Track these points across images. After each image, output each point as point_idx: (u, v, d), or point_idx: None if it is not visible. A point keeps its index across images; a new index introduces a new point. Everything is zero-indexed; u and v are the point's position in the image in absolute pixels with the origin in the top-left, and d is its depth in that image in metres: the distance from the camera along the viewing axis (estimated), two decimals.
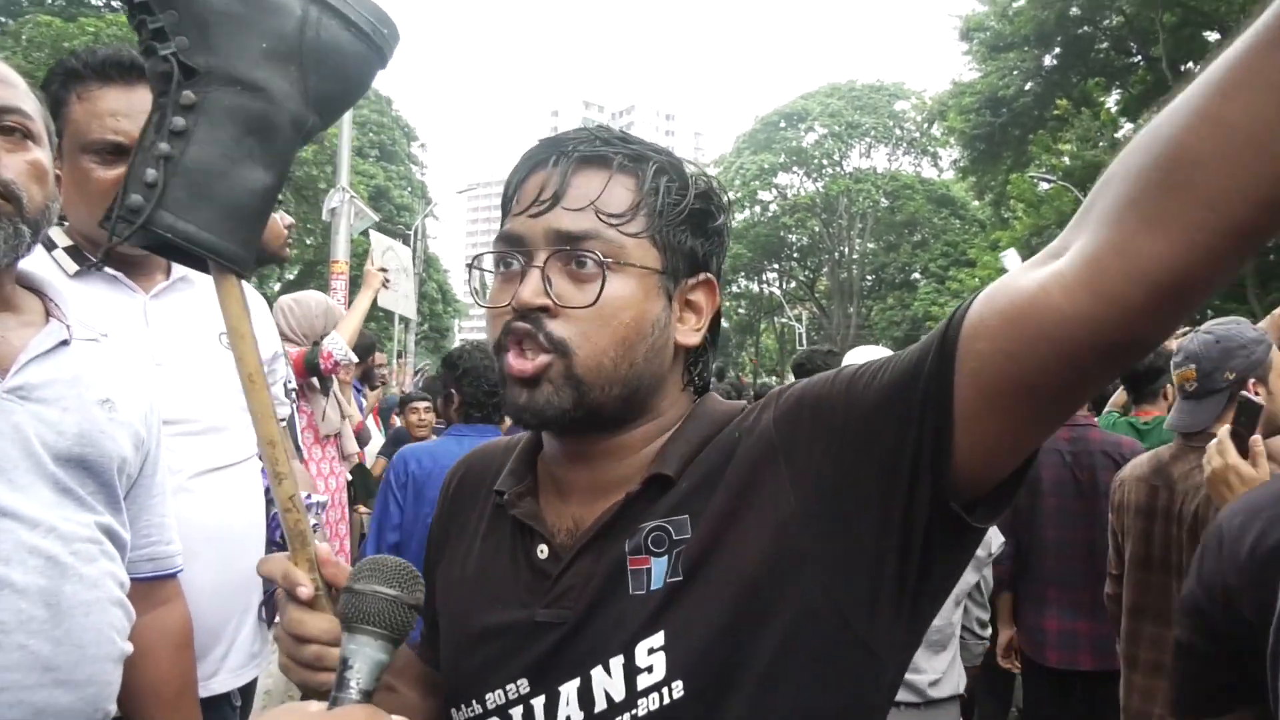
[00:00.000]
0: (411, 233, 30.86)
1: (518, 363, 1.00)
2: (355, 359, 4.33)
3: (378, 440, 7.05)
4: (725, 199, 1.11)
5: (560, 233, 0.99)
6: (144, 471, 1.60)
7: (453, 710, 1.10)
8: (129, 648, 1.49)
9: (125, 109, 1.85)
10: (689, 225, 1.04)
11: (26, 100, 1.41)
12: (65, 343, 1.46)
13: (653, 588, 0.97)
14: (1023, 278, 0.80)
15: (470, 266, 1.11)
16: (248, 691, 2.33)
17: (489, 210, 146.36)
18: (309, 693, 1.03)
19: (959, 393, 0.84)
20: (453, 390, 3.69)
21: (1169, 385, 4.27)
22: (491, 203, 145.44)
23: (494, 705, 1.04)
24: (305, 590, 1.00)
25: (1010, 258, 6.32)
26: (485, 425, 3.66)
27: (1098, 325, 0.74)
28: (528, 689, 1.02)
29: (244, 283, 1.01)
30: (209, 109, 0.91)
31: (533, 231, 1.01)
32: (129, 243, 0.93)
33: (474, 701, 1.06)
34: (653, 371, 1.04)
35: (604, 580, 1.00)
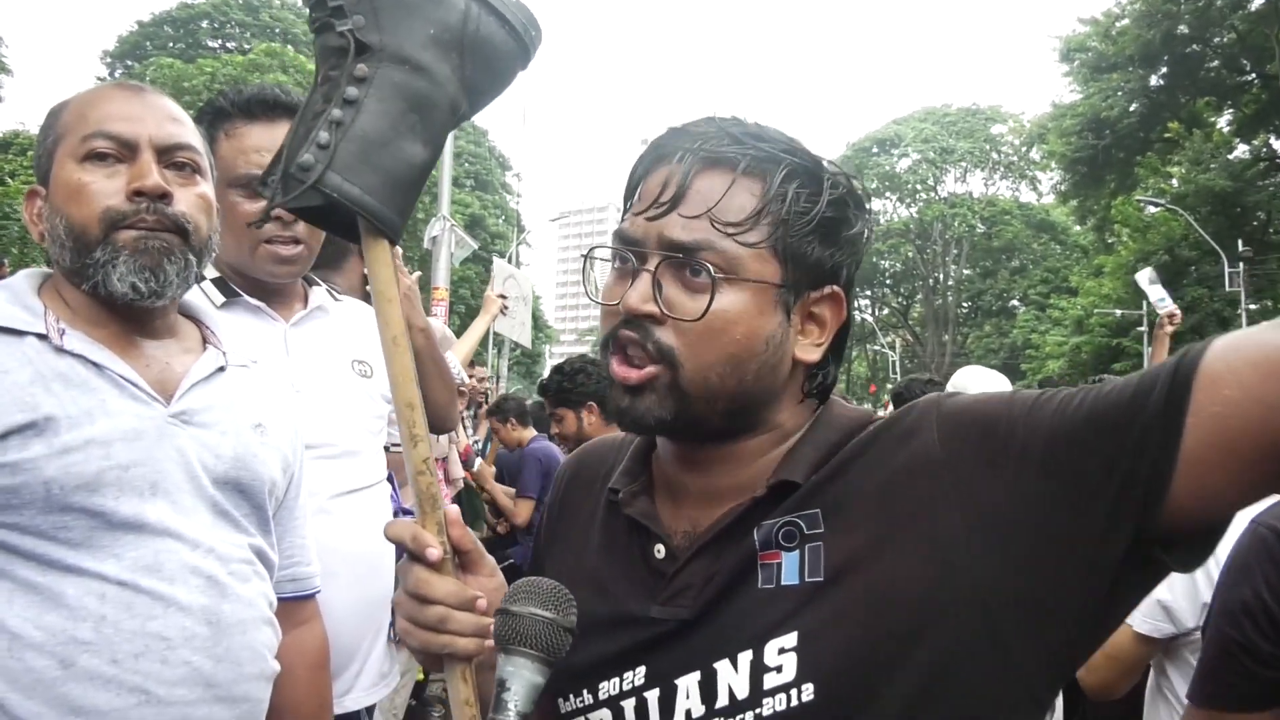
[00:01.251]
0: (507, 259, 31.45)
1: (622, 370, 0.99)
2: (468, 380, 4.40)
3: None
4: (866, 203, 1.05)
5: (673, 242, 0.96)
6: (289, 494, 1.64)
7: (560, 700, 1.08)
8: (277, 666, 1.53)
9: (270, 144, 1.93)
10: (818, 234, 0.98)
11: (194, 137, 1.49)
12: (222, 369, 1.52)
13: (784, 582, 0.94)
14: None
15: (586, 258, 1.10)
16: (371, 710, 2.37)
17: (579, 238, 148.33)
18: (426, 660, 1.02)
19: (1190, 435, 0.80)
20: (579, 408, 3.63)
21: None
22: (582, 230, 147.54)
23: (606, 696, 1.02)
24: (435, 552, 0.99)
25: (1144, 277, 6.18)
26: None
27: None
28: (643, 680, 1.00)
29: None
30: (379, 83, 0.97)
31: (647, 235, 0.98)
32: (294, 203, 0.98)
33: (585, 691, 1.04)
34: (765, 387, 1.00)
35: (729, 576, 0.97)
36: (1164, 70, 30.58)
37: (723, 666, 0.95)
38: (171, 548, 1.37)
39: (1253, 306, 27.55)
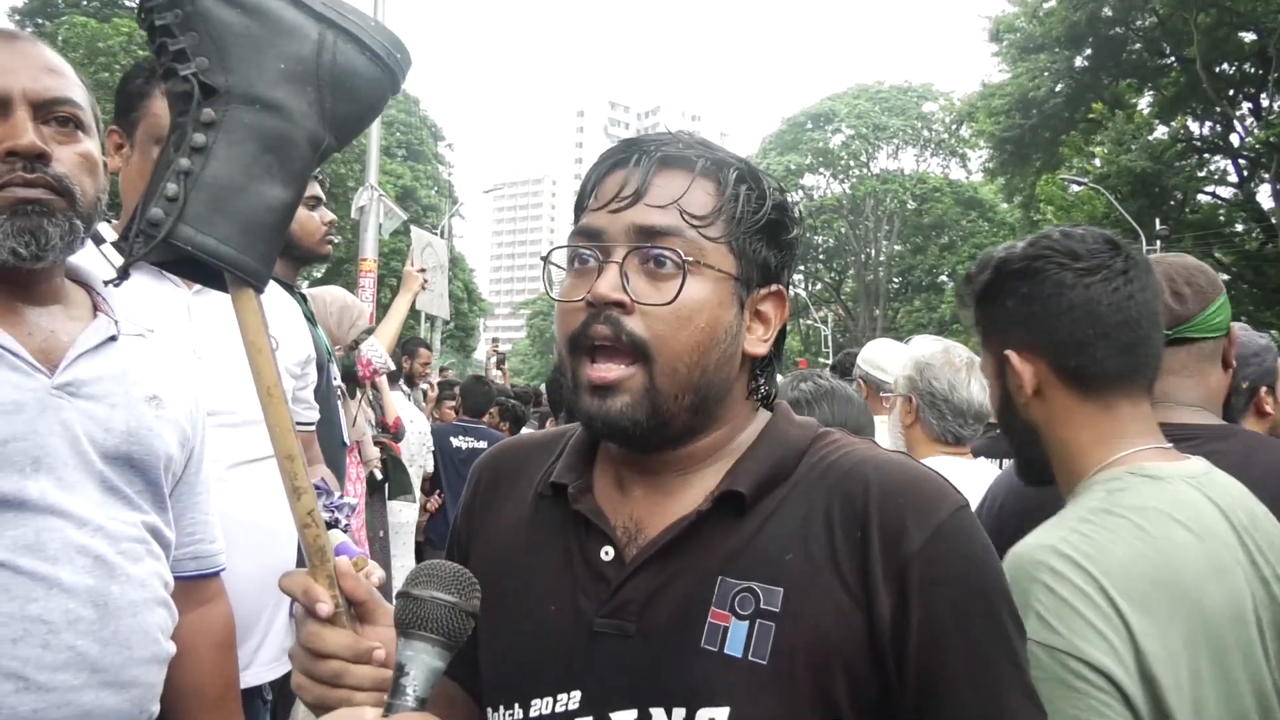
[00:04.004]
0: (438, 232, 31.00)
1: (596, 372, 0.99)
2: (393, 366, 4.30)
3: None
4: (800, 213, 1.11)
5: (643, 228, 0.99)
6: (189, 469, 1.58)
7: (490, 710, 1.07)
8: (172, 648, 1.47)
9: None
10: (765, 235, 1.04)
11: (77, 90, 1.40)
12: (113, 338, 1.45)
13: (728, 651, 0.95)
14: None
15: (545, 260, 1.09)
16: (281, 687, 2.32)
17: (514, 210, 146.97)
18: (318, 714, 1.00)
19: None
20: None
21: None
22: (517, 202, 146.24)
23: (537, 714, 1.01)
24: (325, 607, 0.99)
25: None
26: None
27: None
28: (577, 706, 0.99)
29: (285, 289, 1.00)
30: (228, 126, 0.93)
31: (613, 227, 1.01)
32: (148, 258, 0.93)
33: (516, 705, 1.03)
34: (721, 379, 1.03)
35: (674, 609, 0.98)
36: (1089, 52, 31.22)
37: (658, 714, 0.95)
38: (55, 526, 1.30)
39: None
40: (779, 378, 1.17)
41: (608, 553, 1.03)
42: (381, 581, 1.92)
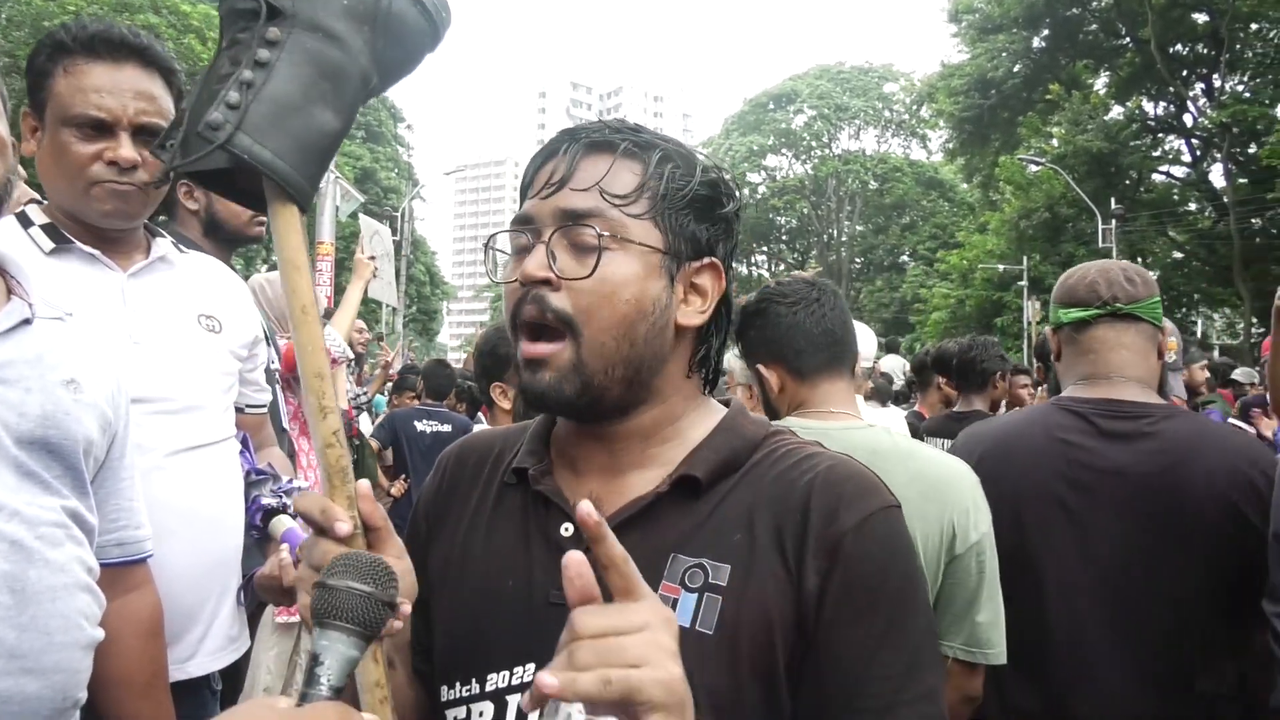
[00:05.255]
0: (398, 215, 30.70)
1: (530, 347, 1.04)
2: (352, 355, 4.26)
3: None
4: (736, 190, 1.14)
5: (566, 210, 1.04)
6: (111, 454, 1.55)
7: (444, 687, 1.08)
8: (99, 634, 1.45)
9: (110, 86, 1.84)
10: (693, 210, 1.07)
11: None
12: (27, 321, 1.41)
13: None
14: None
15: (486, 246, 1.14)
16: (231, 676, 2.29)
17: (476, 193, 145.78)
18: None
19: None
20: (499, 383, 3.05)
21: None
22: (479, 184, 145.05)
23: (493, 688, 1.03)
24: (345, 526, 0.97)
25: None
26: None
27: None
28: (531, 677, 0.99)
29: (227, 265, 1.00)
30: (292, 47, 0.97)
31: (541, 212, 1.06)
32: (200, 164, 0.94)
33: (473, 680, 1.05)
34: (654, 352, 1.06)
35: None
36: (1046, 33, 31.55)
37: None
38: None
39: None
40: (731, 355, 1.20)
41: (567, 529, 1.06)
42: None
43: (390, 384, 8.27)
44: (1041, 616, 1.96)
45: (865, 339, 3.83)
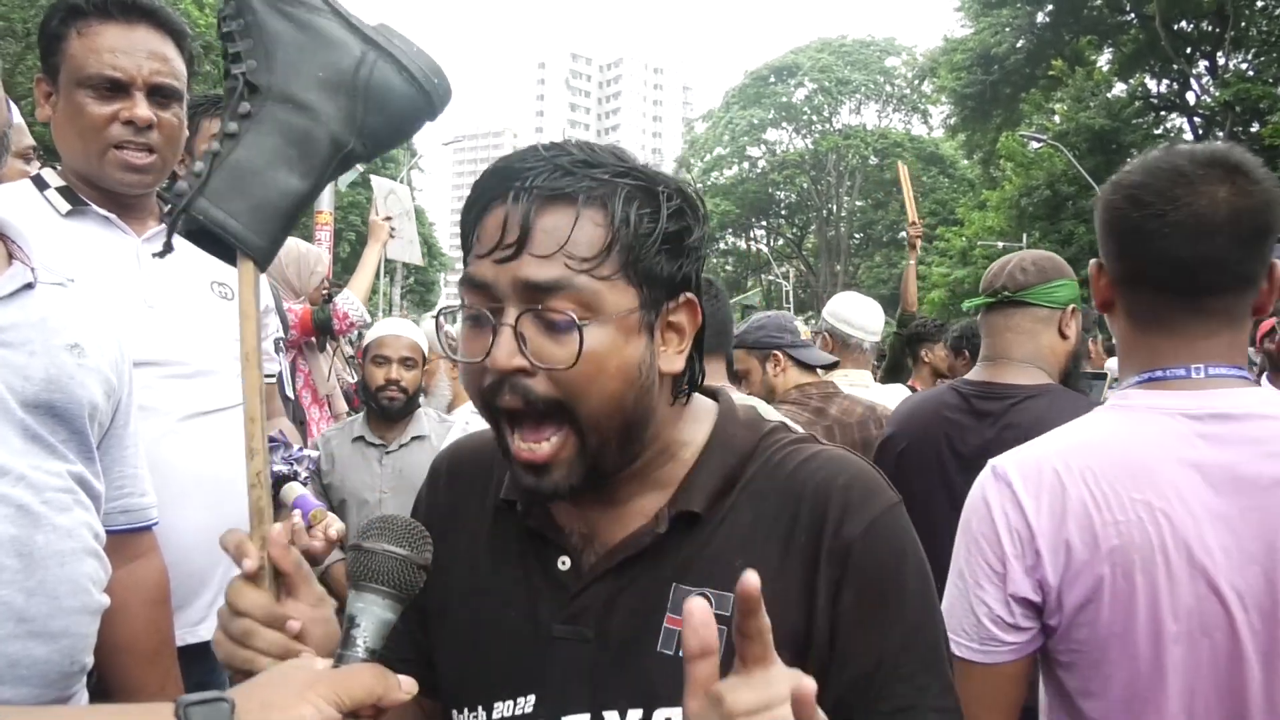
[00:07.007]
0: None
1: (525, 451, 0.97)
2: (369, 319, 4.22)
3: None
4: (699, 206, 1.04)
5: (529, 284, 0.93)
6: (116, 421, 1.55)
7: (454, 712, 1.09)
8: (106, 600, 1.45)
9: (124, 46, 1.86)
10: (664, 251, 0.98)
11: None
12: (30, 286, 1.40)
13: (682, 655, 0.96)
14: None
15: (437, 318, 1.20)
16: None
17: (475, 164, 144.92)
18: (235, 677, 1.00)
19: None
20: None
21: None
22: (478, 155, 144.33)
23: (500, 716, 1.04)
24: (250, 562, 1.00)
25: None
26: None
27: None
28: (532, 709, 1.02)
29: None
30: (261, 119, 1.05)
31: (500, 280, 0.95)
32: (177, 228, 1.05)
33: (480, 708, 1.06)
34: (645, 408, 1.01)
35: (630, 615, 1.00)
36: (1050, 8, 31.28)
37: (611, 717, 0.98)
38: None
39: None
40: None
41: (564, 562, 1.05)
42: (341, 534, 1.92)
43: None
44: None
45: (873, 315, 3.82)
